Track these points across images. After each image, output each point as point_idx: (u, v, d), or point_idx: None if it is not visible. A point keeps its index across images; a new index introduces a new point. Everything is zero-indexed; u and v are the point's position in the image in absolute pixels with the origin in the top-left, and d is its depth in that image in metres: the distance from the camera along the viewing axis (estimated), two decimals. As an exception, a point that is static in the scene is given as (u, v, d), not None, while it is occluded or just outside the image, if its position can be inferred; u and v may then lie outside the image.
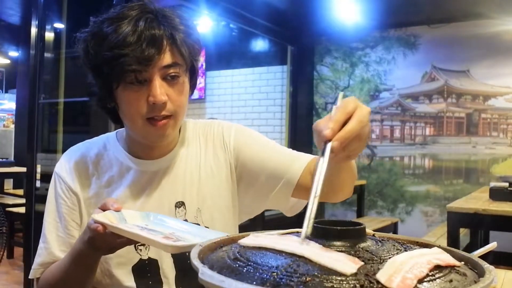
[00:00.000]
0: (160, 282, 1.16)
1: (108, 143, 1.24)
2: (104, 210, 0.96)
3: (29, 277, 1.17)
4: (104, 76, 1.06)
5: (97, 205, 1.17)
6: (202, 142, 1.27)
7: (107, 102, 1.12)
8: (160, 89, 1.05)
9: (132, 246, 1.14)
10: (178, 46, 1.07)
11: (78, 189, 1.18)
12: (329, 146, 0.71)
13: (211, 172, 1.23)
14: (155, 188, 1.19)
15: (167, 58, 1.06)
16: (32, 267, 1.17)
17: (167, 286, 1.16)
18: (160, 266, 1.16)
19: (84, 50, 1.08)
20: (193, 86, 1.19)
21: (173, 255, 1.17)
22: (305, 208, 0.68)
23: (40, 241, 1.18)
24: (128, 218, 0.96)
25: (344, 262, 0.59)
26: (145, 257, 1.15)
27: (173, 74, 1.07)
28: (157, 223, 0.98)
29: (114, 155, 1.21)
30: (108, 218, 0.92)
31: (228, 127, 1.28)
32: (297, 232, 0.80)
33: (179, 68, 1.08)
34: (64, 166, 1.21)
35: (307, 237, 0.66)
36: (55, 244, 1.16)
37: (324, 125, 0.73)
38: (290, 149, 1.24)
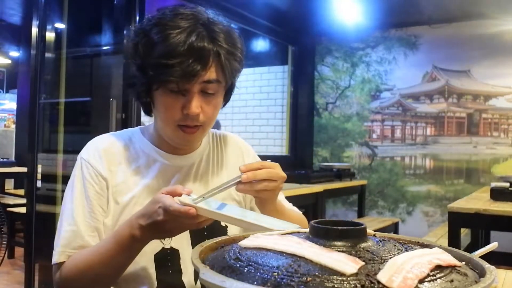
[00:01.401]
0: (180, 272, 1.18)
1: (134, 137, 1.27)
2: (171, 195, 0.97)
3: (53, 261, 1.14)
4: (147, 76, 1.10)
5: (124, 192, 1.18)
6: (221, 149, 1.36)
7: (143, 97, 1.18)
8: (196, 102, 1.10)
9: None
10: (222, 64, 1.11)
11: (108, 175, 1.19)
12: (240, 175, 1.02)
13: (233, 176, 1.28)
14: (180, 182, 1.23)
15: (210, 74, 1.10)
16: (57, 250, 1.14)
17: (187, 276, 1.18)
18: (181, 257, 1.18)
19: (134, 46, 1.13)
20: (227, 99, 1.26)
21: (194, 247, 1.18)
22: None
23: (65, 223, 1.15)
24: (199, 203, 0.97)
25: (344, 262, 0.59)
26: (168, 246, 1.17)
27: (211, 91, 1.12)
28: (218, 207, 1.00)
29: (140, 148, 1.25)
30: (186, 201, 0.94)
31: (247, 147, 1.41)
32: (298, 232, 0.80)
33: (218, 85, 1.13)
34: (92, 152, 1.21)
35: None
36: (83, 228, 1.14)
37: (246, 165, 1.04)
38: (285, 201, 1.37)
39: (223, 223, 1.23)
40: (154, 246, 1.16)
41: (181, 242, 1.19)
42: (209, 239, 0.80)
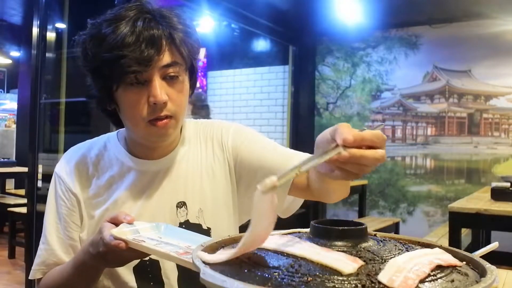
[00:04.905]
0: (162, 283, 1.15)
1: (109, 143, 1.23)
2: (114, 223, 0.95)
3: (29, 277, 1.17)
4: (104, 78, 1.05)
5: (97, 205, 1.16)
6: (203, 142, 1.26)
7: (106, 104, 1.12)
8: (160, 89, 1.04)
9: None
10: (177, 45, 1.07)
11: (78, 190, 1.17)
12: (338, 149, 0.68)
13: (212, 172, 1.23)
14: (157, 188, 1.18)
15: (166, 58, 1.05)
16: (32, 268, 1.17)
17: (169, 287, 1.16)
18: (162, 267, 1.15)
19: (82, 53, 1.08)
20: (193, 85, 1.18)
21: None
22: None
23: (40, 242, 1.18)
24: (141, 230, 0.95)
25: (344, 262, 0.59)
26: (146, 258, 1.13)
27: (172, 74, 1.07)
28: (169, 234, 0.97)
29: (114, 155, 1.20)
30: (123, 232, 0.91)
31: (227, 127, 1.27)
32: (299, 232, 0.80)
33: (178, 68, 1.08)
34: (64, 166, 1.20)
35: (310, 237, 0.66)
36: (56, 245, 1.16)
37: (349, 132, 0.68)
38: (288, 148, 1.23)
39: (204, 226, 1.19)
40: None
41: None
42: None
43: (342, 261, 0.59)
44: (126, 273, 1.14)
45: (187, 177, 1.21)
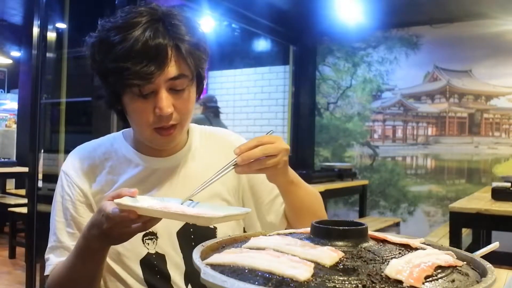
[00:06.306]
0: (168, 277, 1.16)
1: (116, 142, 1.25)
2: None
3: (46, 273, 1.16)
4: (111, 84, 1.07)
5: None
6: (210, 147, 1.29)
7: (114, 105, 1.14)
8: (166, 101, 1.05)
9: (140, 239, 1.15)
10: (184, 57, 1.06)
11: (86, 186, 1.18)
12: (235, 159, 0.97)
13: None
14: (164, 185, 1.20)
15: (172, 71, 1.05)
16: (48, 263, 1.16)
17: (176, 281, 1.17)
18: (167, 261, 1.17)
19: (91, 56, 1.09)
20: (199, 91, 1.20)
21: (182, 251, 1.17)
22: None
23: (51, 240, 1.18)
24: (144, 203, 0.94)
25: (325, 256, 0.59)
26: (152, 251, 1.16)
27: (179, 88, 1.08)
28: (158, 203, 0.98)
29: (122, 154, 1.22)
30: (127, 204, 0.90)
31: (238, 140, 1.33)
32: (300, 233, 0.80)
33: (185, 79, 1.08)
34: (72, 164, 1.21)
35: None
36: (68, 240, 1.16)
37: (241, 145, 0.98)
38: None
39: (211, 226, 1.20)
40: (139, 251, 1.15)
41: (168, 246, 1.16)
42: (198, 242, 0.78)
43: (325, 252, 0.59)
44: (134, 265, 1.15)
45: (196, 175, 1.22)
